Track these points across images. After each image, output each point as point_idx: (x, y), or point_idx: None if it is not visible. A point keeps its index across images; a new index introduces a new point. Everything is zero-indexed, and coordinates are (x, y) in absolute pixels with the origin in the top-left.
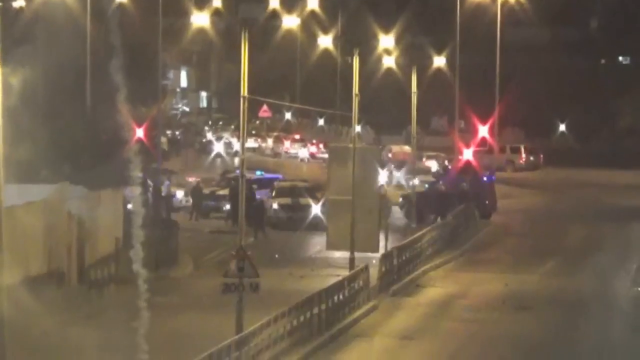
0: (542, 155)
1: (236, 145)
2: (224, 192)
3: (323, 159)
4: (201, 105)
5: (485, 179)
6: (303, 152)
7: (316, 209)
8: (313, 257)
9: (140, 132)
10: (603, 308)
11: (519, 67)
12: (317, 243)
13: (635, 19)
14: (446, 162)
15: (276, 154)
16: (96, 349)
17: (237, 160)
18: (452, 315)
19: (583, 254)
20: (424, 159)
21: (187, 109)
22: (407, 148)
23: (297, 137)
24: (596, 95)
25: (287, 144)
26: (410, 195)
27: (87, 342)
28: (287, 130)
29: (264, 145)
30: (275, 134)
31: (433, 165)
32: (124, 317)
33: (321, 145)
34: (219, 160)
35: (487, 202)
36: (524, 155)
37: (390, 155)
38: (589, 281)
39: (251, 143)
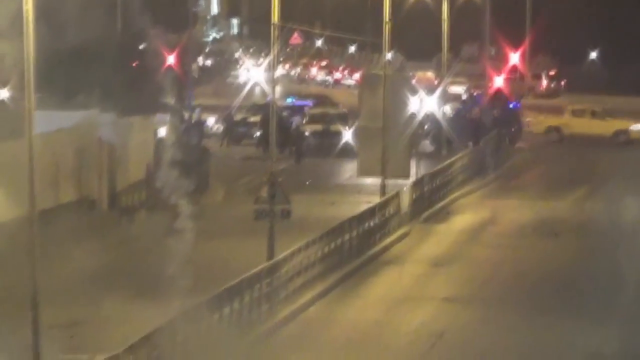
0: (563, 82)
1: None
2: (255, 118)
3: (348, 85)
4: (232, 33)
5: (512, 106)
6: (329, 79)
7: (347, 136)
8: (344, 184)
9: (171, 59)
10: (633, 234)
11: None
12: (348, 170)
13: None
14: (472, 90)
15: (302, 81)
16: (128, 274)
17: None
18: (483, 242)
19: (611, 180)
20: (449, 85)
21: (218, 36)
22: (429, 74)
23: (323, 63)
24: (628, 23)
25: (313, 70)
26: (438, 122)
27: (119, 268)
28: (317, 57)
29: (292, 72)
30: (303, 60)
31: (461, 92)
32: (155, 243)
33: (346, 72)
34: (257, 88)
35: (513, 129)
36: (545, 82)
37: (414, 81)
38: (617, 208)
39: (279, 70)
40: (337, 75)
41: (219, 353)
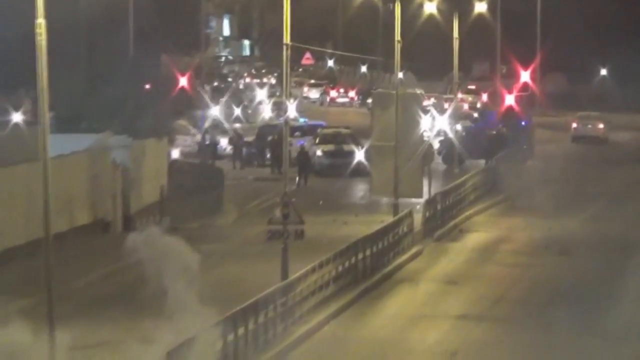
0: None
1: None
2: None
3: (343, 103)
4: (244, 54)
5: (523, 123)
6: (323, 96)
7: (359, 155)
8: (357, 203)
9: (183, 81)
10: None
11: (561, 10)
12: (361, 189)
13: None
14: (478, 104)
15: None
16: (145, 295)
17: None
18: (495, 259)
19: (623, 199)
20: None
21: (230, 57)
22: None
23: (312, 81)
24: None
25: (305, 89)
26: (450, 140)
27: (135, 289)
28: (330, 77)
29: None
30: (295, 79)
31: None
32: (171, 265)
33: (341, 90)
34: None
35: (525, 147)
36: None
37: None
38: (629, 226)
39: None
40: (333, 93)
41: None
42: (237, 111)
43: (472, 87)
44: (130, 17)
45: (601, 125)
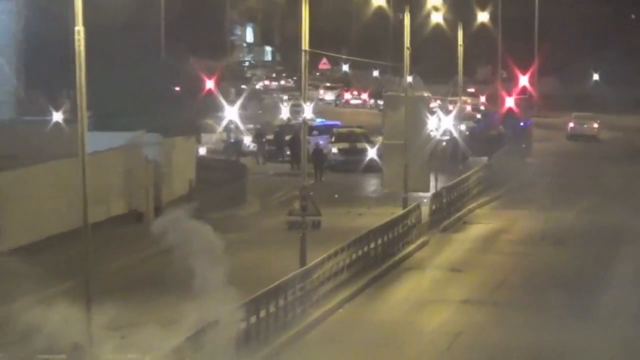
0: None
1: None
2: (286, 137)
3: (356, 104)
4: (265, 59)
5: (522, 124)
6: (339, 98)
7: (372, 153)
8: (369, 197)
9: (210, 84)
10: (635, 242)
11: (558, 17)
12: (373, 184)
13: None
14: (482, 107)
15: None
16: (173, 278)
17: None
18: (496, 249)
19: (616, 192)
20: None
21: (253, 62)
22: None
23: (328, 84)
24: (630, 44)
25: (321, 91)
26: (455, 139)
27: (164, 273)
28: (344, 81)
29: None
30: (311, 82)
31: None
32: (197, 251)
33: (355, 92)
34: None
35: (524, 145)
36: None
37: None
38: (622, 218)
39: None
40: (347, 95)
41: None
42: (254, 112)
43: (472, 90)
44: (161, 22)
45: (595, 125)
